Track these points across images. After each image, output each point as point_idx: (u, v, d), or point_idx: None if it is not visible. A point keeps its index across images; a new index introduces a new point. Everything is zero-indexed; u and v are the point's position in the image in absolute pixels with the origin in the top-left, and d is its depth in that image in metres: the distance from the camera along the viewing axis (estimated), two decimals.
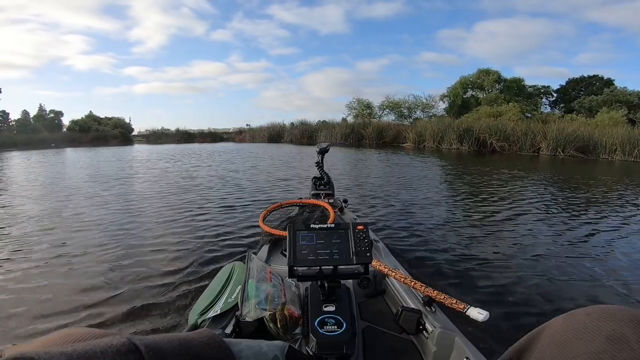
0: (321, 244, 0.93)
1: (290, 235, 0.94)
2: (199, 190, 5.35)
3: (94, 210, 4.06)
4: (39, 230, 3.28)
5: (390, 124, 19.92)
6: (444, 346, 0.91)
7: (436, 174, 7.44)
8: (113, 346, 0.30)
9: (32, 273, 2.31)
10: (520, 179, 6.69)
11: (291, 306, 0.99)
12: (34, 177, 7.37)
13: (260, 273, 1.12)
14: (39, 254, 2.63)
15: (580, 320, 0.43)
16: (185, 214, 3.80)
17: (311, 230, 0.95)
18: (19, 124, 29.97)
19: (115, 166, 9.62)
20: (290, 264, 0.90)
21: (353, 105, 26.35)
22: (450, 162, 10.33)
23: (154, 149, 18.00)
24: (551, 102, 25.71)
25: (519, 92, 23.70)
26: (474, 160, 10.89)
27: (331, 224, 0.98)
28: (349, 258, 0.91)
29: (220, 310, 1.07)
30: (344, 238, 0.95)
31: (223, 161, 10.50)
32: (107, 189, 5.62)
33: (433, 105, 25.28)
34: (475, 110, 20.15)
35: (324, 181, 2.64)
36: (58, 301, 1.92)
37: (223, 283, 1.28)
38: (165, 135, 28.75)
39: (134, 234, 3.10)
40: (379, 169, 8.30)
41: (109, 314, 1.76)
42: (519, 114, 18.35)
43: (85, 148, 19.88)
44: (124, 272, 2.27)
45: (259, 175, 7.14)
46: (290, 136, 22.15)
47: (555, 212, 4.02)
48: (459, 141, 14.34)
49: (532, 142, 13.20)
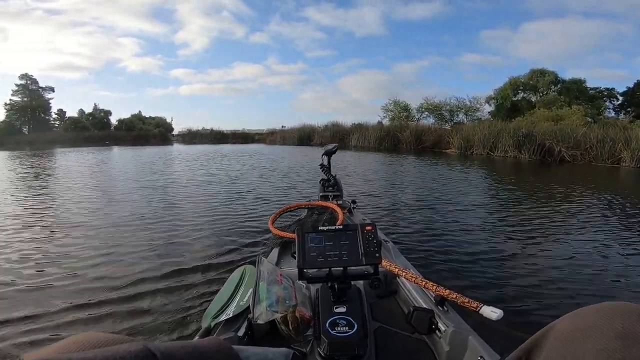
0: (330, 246, 0.90)
1: (299, 237, 0.91)
2: (206, 194, 5.17)
3: (106, 214, 3.97)
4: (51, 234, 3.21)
5: (431, 128, 17.46)
6: (457, 345, 0.88)
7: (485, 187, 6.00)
8: (131, 352, 0.30)
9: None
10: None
11: (302, 308, 0.96)
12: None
13: (271, 276, 1.09)
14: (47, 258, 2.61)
15: (590, 317, 0.41)
16: (194, 219, 3.72)
17: (319, 233, 0.92)
18: (69, 122, 30.94)
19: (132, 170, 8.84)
20: (300, 266, 0.88)
21: (389, 107, 24.18)
22: (506, 175, 8.06)
23: (183, 150, 17.25)
24: (616, 106, 22.07)
25: (579, 94, 20.50)
26: (539, 173, 8.53)
27: (339, 226, 0.94)
28: (358, 259, 0.89)
29: (233, 314, 1.05)
30: (353, 239, 0.91)
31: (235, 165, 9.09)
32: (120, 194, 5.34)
33: (478, 108, 22.46)
34: (529, 114, 17.25)
35: (332, 183, 2.57)
36: (70, 303, 1.90)
37: (235, 286, 1.26)
38: (199, 135, 28.31)
39: (141, 242, 2.97)
40: (418, 183, 6.49)
41: (123, 318, 1.75)
42: (583, 119, 15.33)
43: (125, 147, 19.65)
44: (136, 278, 2.20)
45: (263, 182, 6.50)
46: (321, 138, 20.06)
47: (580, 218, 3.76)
48: (517, 148, 11.69)
49: (611, 151, 10.38)
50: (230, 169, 8.35)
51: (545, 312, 1.72)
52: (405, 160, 10.74)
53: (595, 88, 21.91)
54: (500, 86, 21.83)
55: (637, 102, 20.33)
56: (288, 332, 0.90)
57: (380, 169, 8.65)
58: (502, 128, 12.63)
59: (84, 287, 2.10)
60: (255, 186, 5.92)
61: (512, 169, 9.46)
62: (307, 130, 21.97)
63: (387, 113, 24.13)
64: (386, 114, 24.10)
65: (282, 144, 21.46)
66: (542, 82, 21.04)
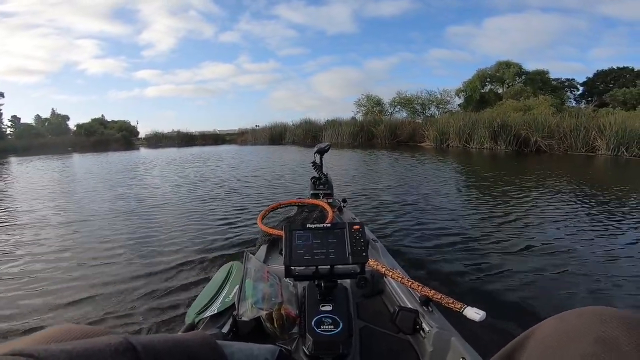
0: (317, 244, 0.88)
1: (286, 234, 0.90)
2: (189, 192, 5.16)
3: (92, 213, 3.92)
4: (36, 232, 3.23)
5: (405, 121, 16.89)
6: (440, 346, 0.87)
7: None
8: (111, 345, 0.30)
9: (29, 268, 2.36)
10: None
11: (288, 306, 0.94)
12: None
13: (257, 273, 1.07)
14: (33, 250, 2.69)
15: (571, 321, 0.41)
16: (181, 215, 3.65)
17: (307, 230, 0.91)
18: (20, 130, 28.61)
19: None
20: (287, 263, 0.87)
21: (362, 102, 23.57)
22: (487, 167, 7.54)
23: (141, 155, 15.92)
24: (577, 95, 22.54)
25: (542, 85, 20.68)
26: (516, 164, 8.14)
27: (327, 224, 0.92)
28: (344, 258, 0.87)
29: (218, 310, 1.03)
30: (340, 238, 0.90)
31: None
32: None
33: (448, 100, 22.24)
34: (498, 105, 17.09)
35: (323, 181, 2.51)
36: (54, 296, 1.92)
37: (221, 282, 1.22)
38: (165, 138, 26.37)
39: (129, 236, 2.95)
40: (392, 177, 6.20)
41: (105, 311, 1.74)
42: (550, 109, 15.27)
43: (83, 154, 17.71)
44: (121, 272, 2.21)
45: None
46: (293, 136, 19.44)
47: (559, 209, 3.66)
48: (493, 139, 11.27)
49: (584, 140, 10.13)
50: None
51: (528, 314, 1.70)
52: (382, 156, 10.06)
53: (557, 79, 22.33)
54: (469, 78, 21.71)
55: (598, 91, 20.81)
56: (273, 330, 0.88)
57: (357, 167, 7.92)
58: (477, 119, 12.19)
59: (66, 286, 2.05)
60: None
61: (489, 160, 9.01)
62: (279, 128, 20.96)
63: (360, 108, 23.54)
64: (359, 109, 23.50)
65: (254, 144, 20.35)
66: (508, 73, 21.08)
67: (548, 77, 21.34)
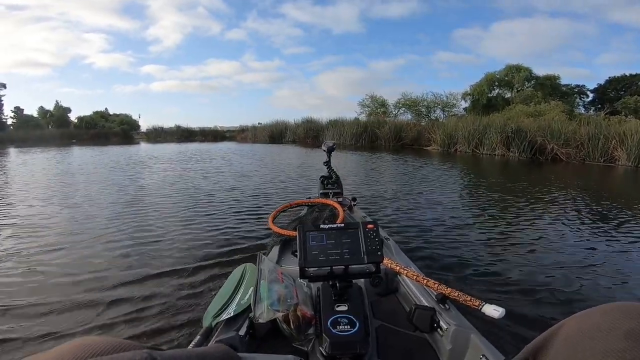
0: (331, 244, 0.86)
1: (300, 236, 0.87)
2: (200, 194, 4.73)
3: (99, 216, 3.58)
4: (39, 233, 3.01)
5: (410, 123, 16.02)
6: (459, 344, 0.86)
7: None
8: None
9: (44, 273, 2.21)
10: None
11: (303, 307, 0.92)
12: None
13: (271, 274, 1.05)
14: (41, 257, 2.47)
15: (596, 318, 0.40)
16: (192, 218, 3.46)
17: (321, 231, 0.88)
18: (20, 121, 27.94)
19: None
20: (301, 265, 0.85)
21: (366, 103, 22.67)
22: (501, 174, 6.76)
23: (139, 151, 15.12)
24: (586, 102, 21.62)
25: (552, 90, 19.77)
26: (531, 172, 7.38)
27: (341, 224, 0.90)
28: (359, 257, 0.85)
29: (234, 312, 1.01)
30: (354, 237, 0.87)
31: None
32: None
33: (454, 103, 21.35)
34: (508, 110, 16.22)
35: (332, 180, 2.49)
36: (70, 305, 1.78)
37: (235, 285, 1.20)
38: (165, 133, 25.89)
39: (136, 242, 2.77)
40: (400, 180, 5.96)
41: (122, 319, 1.65)
42: (562, 115, 14.38)
43: (82, 147, 17.04)
44: (136, 278, 2.09)
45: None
46: (293, 136, 18.59)
47: (580, 218, 3.50)
48: (505, 145, 10.40)
49: (603, 149, 9.27)
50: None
51: (549, 311, 1.63)
52: (387, 159, 9.26)
53: (566, 85, 21.38)
54: (477, 82, 20.81)
55: (609, 98, 19.91)
56: (289, 331, 0.86)
57: (362, 170, 7.18)
58: (489, 124, 11.32)
59: (82, 288, 1.96)
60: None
61: (501, 168, 8.20)
62: (280, 127, 20.12)
63: (364, 109, 22.63)
64: (363, 110, 22.59)
65: (253, 142, 19.63)
66: (518, 77, 20.17)
67: (558, 82, 20.44)
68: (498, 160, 9.76)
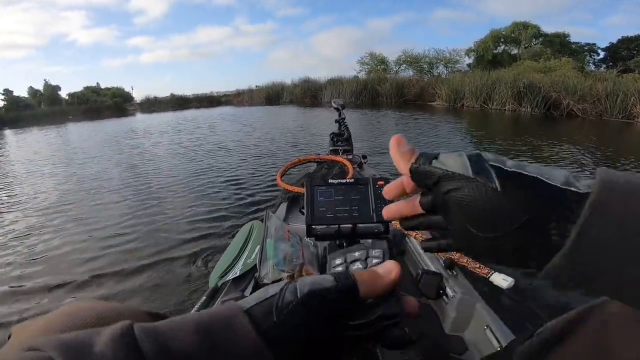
0: (340, 201, 0.71)
1: (307, 191, 0.70)
2: (209, 154, 4.95)
3: (106, 183, 3.81)
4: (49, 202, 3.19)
5: (412, 80, 15.06)
6: (464, 313, 0.83)
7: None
8: (108, 345, 0.23)
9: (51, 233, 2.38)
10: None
11: (309, 267, 0.90)
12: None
13: (278, 232, 1.01)
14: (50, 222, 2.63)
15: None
16: (201, 178, 3.54)
17: (329, 186, 0.72)
18: (10, 102, 27.38)
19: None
20: (308, 222, 0.67)
21: (365, 61, 21.33)
22: (513, 130, 6.62)
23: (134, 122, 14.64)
24: (597, 60, 20.60)
25: (561, 48, 18.66)
26: (547, 128, 6.96)
27: (350, 179, 0.73)
28: (368, 216, 0.69)
29: (240, 272, 1.01)
30: (364, 194, 0.71)
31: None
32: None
33: (457, 60, 20.21)
34: (515, 65, 15.24)
35: (344, 137, 2.43)
36: (78, 265, 1.85)
37: (242, 244, 1.19)
38: (159, 103, 25.26)
39: (149, 203, 2.83)
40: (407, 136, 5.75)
41: (129, 280, 1.68)
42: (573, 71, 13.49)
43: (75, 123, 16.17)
44: (144, 238, 2.14)
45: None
46: (291, 96, 17.90)
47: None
48: (517, 100, 9.62)
49: (622, 105, 8.57)
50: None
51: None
52: (392, 116, 8.63)
53: (576, 43, 20.23)
54: (481, 38, 19.59)
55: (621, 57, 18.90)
56: None
57: (365, 128, 7.04)
58: (498, 79, 10.46)
59: (91, 254, 1.99)
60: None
61: (513, 123, 7.64)
62: (277, 88, 19.37)
63: (363, 67, 21.33)
64: (362, 68, 21.31)
65: (250, 105, 18.91)
66: (525, 34, 19.02)
67: (568, 40, 19.32)
68: (509, 115, 9.08)
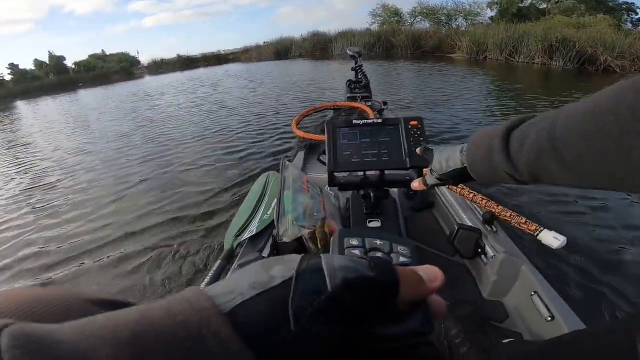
0: (366, 143, 0.67)
1: (329, 133, 0.69)
2: (215, 112, 4.90)
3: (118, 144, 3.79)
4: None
5: (429, 31, 13.84)
6: (506, 275, 0.71)
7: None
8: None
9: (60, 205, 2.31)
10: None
11: (331, 221, 0.79)
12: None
13: (296, 183, 0.89)
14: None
15: None
16: (213, 136, 3.44)
17: (354, 127, 0.69)
18: (17, 75, 27.51)
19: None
20: (331, 168, 0.67)
21: (378, 13, 19.82)
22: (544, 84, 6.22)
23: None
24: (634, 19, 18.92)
25: (597, 5, 16.95)
26: (586, 83, 6.13)
27: (377, 119, 0.70)
28: (400, 160, 0.66)
29: (257, 230, 0.89)
30: (394, 136, 0.68)
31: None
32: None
33: (478, 12, 18.59)
34: (544, 20, 13.86)
35: (362, 84, 2.31)
36: (101, 230, 1.82)
37: (258, 197, 1.06)
38: (165, 64, 25.00)
39: (156, 164, 2.78)
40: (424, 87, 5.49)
41: (142, 243, 1.62)
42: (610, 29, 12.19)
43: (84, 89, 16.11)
44: (159, 198, 2.06)
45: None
46: (300, 50, 17.14)
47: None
48: (547, 54, 8.61)
49: None
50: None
51: (622, 253, 1.17)
52: (410, 68, 7.98)
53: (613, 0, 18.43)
54: None
55: None
56: (316, 251, 0.75)
57: (381, 80, 6.28)
58: (526, 32, 9.34)
59: (104, 223, 1.92)
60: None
61: (544, 78, 6.87)
62: (285, 43, 18.60)
63: (375, 19, 19.85)
64: (375, 20, 19.86)
65: (258, 61, 18.22)
66: None
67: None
68: (537, 69, 8.18)
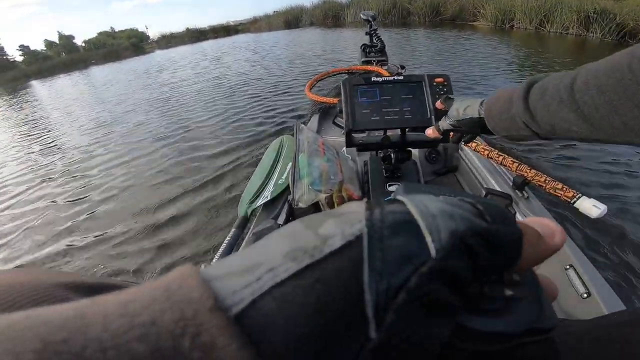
0: (387, 101, 0.62)
1: (346, 92, 0.63)
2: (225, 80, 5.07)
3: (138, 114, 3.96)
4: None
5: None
6: None
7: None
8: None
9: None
10: None
11: (349, 185, 0.75)
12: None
13: (312, 145, 0.84)
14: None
15: None
16: (219, 105, 3.50)
17: (373, 85, 0.63)
18: (29, 57, 28.29)
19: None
20: (349, 127, 0.61)
21: None
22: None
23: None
24: None
25: None
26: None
27: (399, 76, 0.63)
28: (425, 118, 0.60)
29: (271, 196, 0.87)
30: (418, 93, 0.62)
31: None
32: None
33: None
34: None
35: (377, 48, 2.19)
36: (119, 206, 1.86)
37: (272, 162, 1.04)
38: (175, 38, 25.57)
39: (169, 133, 2.82)
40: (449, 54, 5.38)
41: (158, 215, 1.62)
42: None
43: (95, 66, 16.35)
44: (170, 171, 2.09)
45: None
46: (310, 19, 16.69)
47: None
48: (583, 25, 7.81)
49: None
50: None
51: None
52: (431, 37, 7.54)
53: None
54: None
55: None
56: None
57: (399, 48, 6.00)
58: (560, 1, 8.48)
59: (126, 195, 1.99)
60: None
61: (578, 49, 6.29)
62: (295, 12, 18.26)
63: None
64: None
65: (269, 31, 17.85)
66: None
67: None
68: (572, 40, 7.43)
